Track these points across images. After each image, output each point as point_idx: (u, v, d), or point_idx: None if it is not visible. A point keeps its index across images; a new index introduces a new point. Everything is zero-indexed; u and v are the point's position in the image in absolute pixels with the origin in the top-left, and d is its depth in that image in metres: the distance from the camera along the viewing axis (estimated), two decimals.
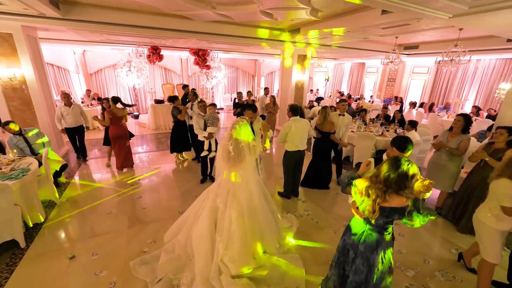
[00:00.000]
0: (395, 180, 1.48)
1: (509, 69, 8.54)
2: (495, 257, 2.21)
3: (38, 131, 4.12)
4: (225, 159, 2.39)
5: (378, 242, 1.67)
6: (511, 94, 3.44)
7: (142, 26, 5.18)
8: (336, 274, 1.90)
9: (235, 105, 6.41)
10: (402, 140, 2.01)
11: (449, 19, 3.35)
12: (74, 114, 5.15)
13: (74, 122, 5.21)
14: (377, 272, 1.68)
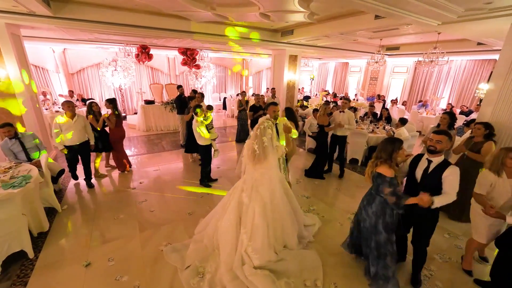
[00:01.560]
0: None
1: (478, 69, 9.39)
2: (480, 236, 2.56)
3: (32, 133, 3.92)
4: (251, 157, 2.52)
5: (373, 198, 2.36)
6: (489, 94, 3.85)
7: (137, 26, 5.06)
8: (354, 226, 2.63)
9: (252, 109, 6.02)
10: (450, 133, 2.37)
11: (437, 26, 3.68)
12: (77, 129, 4.01)
13: (78, 139, 4.07)
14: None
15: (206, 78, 10.56)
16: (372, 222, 2.36)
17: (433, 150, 2.20)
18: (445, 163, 2.20)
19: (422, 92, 11.20)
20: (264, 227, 2.50)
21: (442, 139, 2.17)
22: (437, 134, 2.22)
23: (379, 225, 2.31)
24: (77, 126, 4.02)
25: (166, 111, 8.14)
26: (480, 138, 3.34)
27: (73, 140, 4.04)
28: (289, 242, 2.76)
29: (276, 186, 2.61)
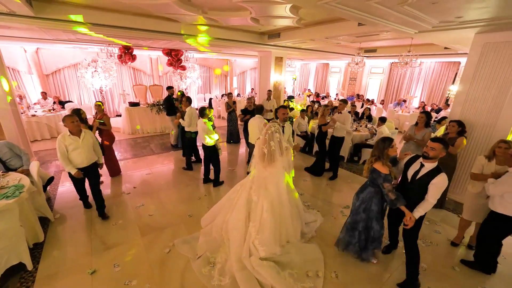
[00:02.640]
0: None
1: (445, 70, 10.29)
2: (469, 215, 3.02)
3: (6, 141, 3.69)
4: (261, 159, 2.71)
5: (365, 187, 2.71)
6: (458, 95, 4.33)
7: (124, 27, 4.95)
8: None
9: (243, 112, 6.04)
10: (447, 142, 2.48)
11: (414, 34, 4.07)
12: (86, 148, 3.32)
13: (86, 160, 3.35)
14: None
15: (191, 79, 10.47)
16: (356, 204, 2.77)
17: (426, 156, 2.31)
18: (437, 170, 2.28)
19: (397, 92, 12.01)
20: (271, 222, 2.69)
21: (436, 146, 2.25)
22: (432, 141, 2.30)
23: (360, 208, 2.72)
24: (85, 144, 3.31)
25: (152, 113, 7.98)
26: (454, 134, 3.77)
27: (81, 162, 3.30)
28: (292, 237, 2.95)
29: (282, 185, 2.80)
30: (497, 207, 2.56)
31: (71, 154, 3.23)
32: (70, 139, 3.20)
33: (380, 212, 2.69)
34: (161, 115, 8.05)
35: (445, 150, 2.29)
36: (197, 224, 3.50)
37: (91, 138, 3.45)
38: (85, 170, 3.40)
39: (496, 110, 3.85)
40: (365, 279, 2.69)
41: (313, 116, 7.66)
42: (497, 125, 3.86)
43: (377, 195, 2.63)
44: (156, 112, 7.89)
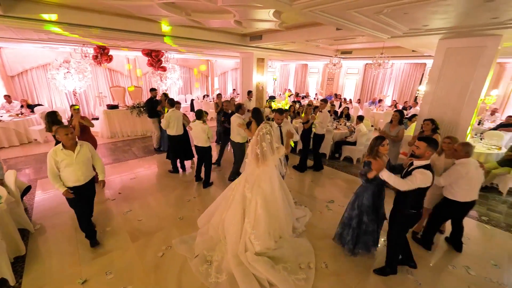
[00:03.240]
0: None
1: (413, 71, 11.12)
2: (428, 203, 3.28)
3: None
4: (254, 159, 2.82)
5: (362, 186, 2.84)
6: (426, 95, 4.76)
7: (103, 28, 4.77)
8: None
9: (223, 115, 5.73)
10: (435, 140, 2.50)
11: (387, 38, 4.41)
12: (82, 163, 2.85)
13: (83, 177, 2.88)
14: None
15: (172, 80, 10.26)
16: (352, 199, 2.97)
17: (412, 154, 2.50)
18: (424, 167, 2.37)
19: (371, 91, 12.74)
20: (266, 217, 2.82)
21: (420, 145, 2.38)
22: (418, 140, 2.44)
23: (355, 204, 2.91)
24: (81, 160, 2.82)
25: (132, 116, 7.73)
26: (429, 132, 4.13)
27: (76, 179, 2.83)
28: (284, 232, 3.09)
29: (275, 183, 2.94)
30: (448, 194, 3.00)
31: (64, 171, 2.75)
32: (63, 154, 2.72)
33: (371, 207, 2.80)
34: (142, 118, 7.82)
35: (430, 149, 2.36)
36: (189, 227, 3.52)
37: (89, 151, 2.97)
38: (83, 189, 2.89)
39: (458, 108, 4.31)
40: (353, 267, 2.90)
41: (295, 115, 7.92)
42: (460, 122, 4.32)
43: (368, 190, 2.77)
44: (136, 114, 7.65)
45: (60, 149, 2.74)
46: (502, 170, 4.82)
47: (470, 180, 2.84)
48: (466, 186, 2.86)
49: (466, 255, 3.15)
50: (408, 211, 2.54)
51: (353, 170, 5.88)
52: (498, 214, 4.16)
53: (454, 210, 3.02)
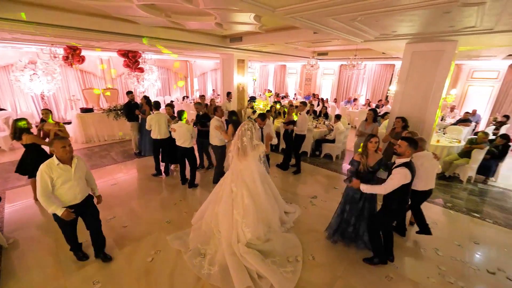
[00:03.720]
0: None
1: (383, 71, 11.89)
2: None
3: None
4: (235, 152, 3.05)
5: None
6: (396, 94, 5.17)
7: (77, 28, 4.56)
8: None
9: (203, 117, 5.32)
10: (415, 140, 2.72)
11: (360, 42, 4.73)
12: (79, 179, 2.59)
13: (80, 194, 2.61)
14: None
15: (149, 81, 9.97)
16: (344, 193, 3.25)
17: (394, 152, 2.69)
18: (403, 164, 2.53)
19: (346, 91, 13.39)
20: (253, 206, 3.01)
21: (401, 144, 2.58)
22: (400, 140, 2.63)
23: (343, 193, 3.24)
24: (78, 175, 2.56)
25: (109, 119, 7.40)
26: (399, 129, 4.49)
27: (74, 198, 2.55)
28: (272, 223, 3.25)
29: (256, 176, 3.12)
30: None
31: (60, 189, 2.45)
32: (60, 169, 2.41)
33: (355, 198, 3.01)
34: (119, 121, 7.52)
35: (411, 147, 2.54)
36: (178, 230, 3.50)
37: (85, 165, 2.73)
38: (78, 208, 2.61)
39: (424, 106, 4.74)
40: (337, 257, 3.10)
41: (277, 115, 8.12)
42: (426, 118, 4.75)
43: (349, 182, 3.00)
44: (113, 117, 7.35)
45: (55, 164, 2.40)
46: (461, 161, 5.38)
47: (425, 170, 3.09)
48: (423, 176, 3.10)
49: (434, 238, 3.50)
50: (394, 206, 2.71)
51: (333, 166, 6.19)
52: (460, 200, 4.66)
53: (415, 198, 3.29)
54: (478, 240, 3.51)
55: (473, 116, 8.49)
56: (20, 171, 3.93)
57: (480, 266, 3.03)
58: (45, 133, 4.09)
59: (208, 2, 3.36)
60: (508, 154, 5.45)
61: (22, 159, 3.91)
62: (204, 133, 5.07)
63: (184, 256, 2.99)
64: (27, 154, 3.88)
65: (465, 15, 2.61)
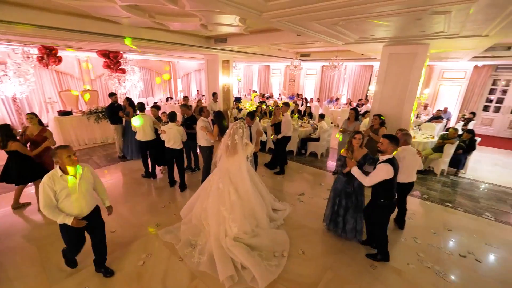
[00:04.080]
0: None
1: (363, 72, 12.42)
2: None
3: None
4: (224, 150, 3.12)
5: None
6: (375, 94, 5.47)
7: (55, 28, 4.37)
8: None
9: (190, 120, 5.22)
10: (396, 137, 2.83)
11: (341, 44, 4.95)
12: (85, 190, 2.38)
13: (87, 207, 2.42)
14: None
15: (131, 83, 9.69)
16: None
17: (378, 150, 2.83)
18: (386, 160, 2.69)
19: (329, 90, 13.81)
20: (239, 202, 3.12)
21: (383, 141, 2.73)
22: (382, 137, 2.77)
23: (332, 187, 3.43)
24: (84, 186, 2.36)
25: (90, 122, 7.13)
26: (377, 125, 4.77)
27: (80, 212, 2.36)
28: (260, 220, 3.34)
29: (244, 174, 3.21)
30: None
31: (64, 202, 2.25)
32: (63, 181, 2.21)
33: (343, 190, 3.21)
34: (101, 124, 7.28)
35: (392, 144, 2.69)
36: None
37: (91, 174, 2.50)
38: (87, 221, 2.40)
39: (401, 105, 5.06)
40: (325, 250, 3.26)
41: (263, 116, 8.23)
42: (403, 116, 5.08)
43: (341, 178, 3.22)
44: (94, 120, 7.09)
45: (58, 175, 2.20)
46: (435, 155, 5.79)
47: (407, 163, 3.32)
48: (405, 169, 3.32)
49: (413, 227, 3.78)
50: (380, 202, 2.83)
51: (318, 164, 6.41)
52: (435, 192, 5.02)
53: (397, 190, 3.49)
54: (451, 228, 3.82)
55: (444, 113, 9.12)
56: (5, 179, 3.73)
57: (453, 251, 3.31)
58: (27, 140, 3.89)
59: (194, 4, 3.38)
60: (477, 148, 5.94)
61: (5, 166, 3.71)
62: (190, 135, 5.03)
63: (176, 246, 3.17)
64: (11, 161, 3.68)
65: (435, 22, 2.86)
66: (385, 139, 2.73)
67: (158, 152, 5.11)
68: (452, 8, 2.30)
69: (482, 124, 10.30)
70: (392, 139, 2.72)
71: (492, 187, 5.34)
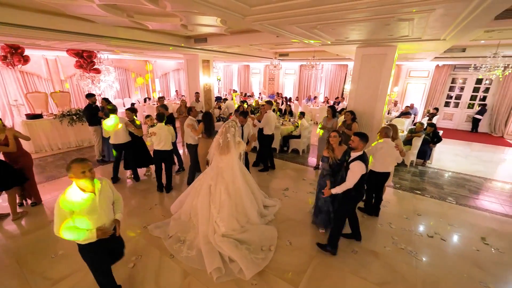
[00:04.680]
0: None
1: (338, 71, 13.01)
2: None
3: None
4: (217, 148, 3.21)
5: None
6: (351, 92, 5.83)
7: (26, 26, 4.12)
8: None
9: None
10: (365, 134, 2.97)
11: (319, 46, 5.22)
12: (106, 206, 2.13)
13: (109, 223, 2.14)
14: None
15: (106, 83, 9.29)
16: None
17: (349, 147, 2.97)
18: (358, 157, 2.82)
19: (307, 89, 14.28)
20: (228, 202, 3.22)
21: (354, 139, 2.86)
22: (353, 135, 2.91)
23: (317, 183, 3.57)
24: (105, 202, 2.11)
25: (63, 125, 6.76)
26: (349, 121, 5.10)
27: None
28: (250, 217, 3.48)
29: (237, 172, 3.31)
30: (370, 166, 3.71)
31: (82, 223, 1.96)
32: (82, 199, 1.93)
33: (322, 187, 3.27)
34: (75, 127, 6.93)
35: (362, 141, 2.82)
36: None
37: (110, 188, 2.22)
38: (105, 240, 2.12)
39: (374, 102, 5.46)
40: (309, 240, 3.46)
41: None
42: (375, 112, 5.47)
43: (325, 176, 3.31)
44: (68, 123, 6.74)
45: (75, 193, 1.93)
46: (405, 148, 6.32)
47: (384, 154, 3.65)
48: (381, 159, 3.67)
49: (388, 214, 4.14)
50: (353, 193, 2.96)
51: (300, 160, 6.68)
52: (406, 181, 5.50)
53: (372, 178, 3.80)
54: (420, 212, 4.24)
55: (411, 109, 9.90)
56: None
57: (423, 233, 3.70)
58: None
59: (177, 5, 3.40)
60: (443, 140, 6.57)
61: None
62: None
63: (164, 242, 3.24)
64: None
65: (401, 27, 3.18)
66: (356, 137, 2.85)
67: (136, 153, 5.01)
68: (414, 16, 2.60)
69: (444, 118, 11.33)
70: (362, 137, 2.85)
71: (454, 175, 5.96)
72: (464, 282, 2.85)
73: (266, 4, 2.36)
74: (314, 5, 2.36)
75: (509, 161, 7.29)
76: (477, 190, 5.16)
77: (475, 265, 3.09)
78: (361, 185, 2.97)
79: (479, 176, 5.86)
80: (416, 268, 3.03)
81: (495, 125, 10.10)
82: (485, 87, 10.32)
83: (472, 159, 7.08)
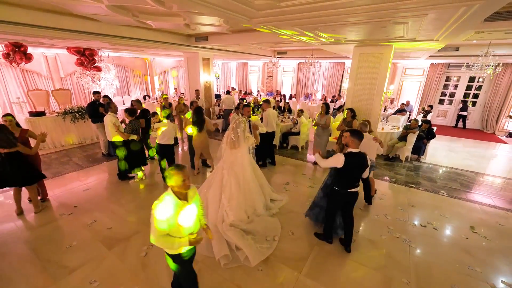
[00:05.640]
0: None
1: (335, 69, 13.20)
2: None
3: None
4: (229, 143, 3.42)
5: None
6: (348, 90, 6.04)
7: (32, 25, 4.21)
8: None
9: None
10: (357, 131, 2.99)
11: (318, 45, 5.39)
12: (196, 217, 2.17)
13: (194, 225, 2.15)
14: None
15: (106, 81, 9.33)
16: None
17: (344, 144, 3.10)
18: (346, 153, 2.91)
19: (305, 87, 14.45)
20: (238, 193, 3.43)
21: (345, 135, 2.95)
22: (344, 131, 3.02)
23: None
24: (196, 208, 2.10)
25: (66, 123, 6.85)
26: (350, 118, 5.31)
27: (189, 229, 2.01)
28: (257, 208, 3.69)
29: (246, 166, 3.53)
30: None
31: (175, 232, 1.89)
32: (178, 207, 1.86)
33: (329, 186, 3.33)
34: (78, 124, 7.03)
35: (353, 137, 2.82)
36: None
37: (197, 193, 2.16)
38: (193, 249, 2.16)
39: (371, 100, 5.67)
40: (311, 231, 3.65)
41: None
42: (372, 109, 5.70)
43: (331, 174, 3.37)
44: (71, 121, 6.82)
45: (173, 201, 1.86)
46: (400, 144, 6.56)
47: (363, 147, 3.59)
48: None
49: (384, 206, 4.37)
50: (333, 188, 3.05)
51: (299, 156, 6.88)
52: (401, 176, 5.74)
53: None
54: (414, 204, 4.48)
55: (407, 106, 10.16)
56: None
57: (416, 223, 3.93)
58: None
59: (183, 7, 3.53)
60: (436, 136, 6.82)
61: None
62: None
63: None
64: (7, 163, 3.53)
65: (396, 29, 3.37)
66: (348, 133, 2.89)
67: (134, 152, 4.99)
68: (408, 19, 2.79)
69: (438, 115, 11.63)
70: (353, 133, 2.87)
71: (447, 169, 6.22)
72: (454, 266, 3.08)
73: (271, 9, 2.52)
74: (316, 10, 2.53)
75: (499, 156, 7.60)
76: (468, 183, 5.42)
77: (464, 251, 3.33)
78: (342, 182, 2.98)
79: (471, 170, 6.13)
80: (410, 254, 3.25)
81: (487, 122, 10.43)
82: (478, 85, 10.62)
83: (464, 155, 7.36)
